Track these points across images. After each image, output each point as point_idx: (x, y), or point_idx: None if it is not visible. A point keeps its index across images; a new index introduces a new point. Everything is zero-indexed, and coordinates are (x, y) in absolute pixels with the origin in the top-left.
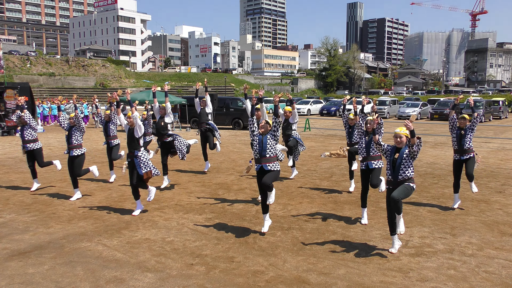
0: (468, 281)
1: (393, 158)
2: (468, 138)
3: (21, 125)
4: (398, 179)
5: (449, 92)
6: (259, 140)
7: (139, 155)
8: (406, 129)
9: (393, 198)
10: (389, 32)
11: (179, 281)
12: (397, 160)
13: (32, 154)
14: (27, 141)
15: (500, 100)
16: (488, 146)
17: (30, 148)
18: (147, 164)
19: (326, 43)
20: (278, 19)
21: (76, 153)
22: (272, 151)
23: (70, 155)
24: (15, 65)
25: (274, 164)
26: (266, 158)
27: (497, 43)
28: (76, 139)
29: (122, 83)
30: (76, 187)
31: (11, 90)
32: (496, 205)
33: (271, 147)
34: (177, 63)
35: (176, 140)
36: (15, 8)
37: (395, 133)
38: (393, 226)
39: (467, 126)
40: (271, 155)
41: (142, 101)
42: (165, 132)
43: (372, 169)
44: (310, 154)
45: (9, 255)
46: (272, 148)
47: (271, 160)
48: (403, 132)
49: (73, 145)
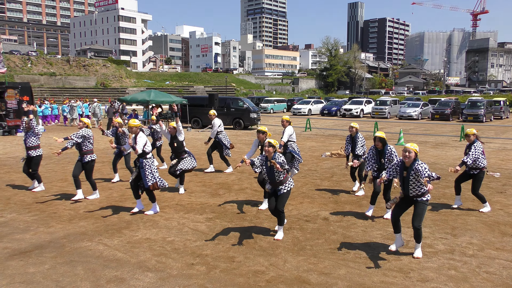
0: (469, 281)
1: (402, 175)
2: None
3: (26, 131)
4: (410, 194)
5: (450, 92)
6: (266, 167)
7: (144, 164)
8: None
9: (414, 227)
10: (390, 32)
11: (179, 280)
12: (406, 177)
13: (30, 160)
14: (29, 148)
15: (501, 100)
16: (489, 146)
17: (30, 155)
18: (154, 175)
19: (327, 43)
20: (279, 19)
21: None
22: (281, 174)
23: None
24: (16, 65)
25: (286, 185)
26: (277, 182)
27: (498, 43)
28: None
29: (123, 83)
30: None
31: (12, 90)
32: (497, 205)
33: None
34: (178, 63)
35: (186, 160)
36: (16, 8)
37: (405, 147)
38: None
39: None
40: (280, 178)
41: (143, 101)
42: (181, 150)
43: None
44: (311, 154)
45: (10, 254)
46: (281, 172)
47: (282, 182)
48: (413, 148)
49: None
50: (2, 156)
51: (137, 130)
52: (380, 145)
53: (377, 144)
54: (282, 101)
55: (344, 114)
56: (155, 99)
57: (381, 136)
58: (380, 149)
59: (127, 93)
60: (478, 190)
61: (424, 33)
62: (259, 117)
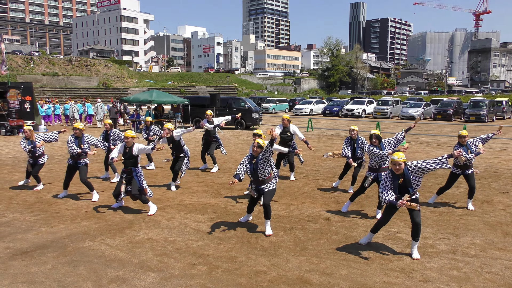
0: (471, 281)
1: (397, 183)
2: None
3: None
4: (413, 197)
5: (452, 92)
6: (251, 166)
7: (137, 171)
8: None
9: (417, 224)
10: (392, 32)
11: (181, 280)
12: (403, 184)
13: (35, 163)
14: (38, 156)
15: (503, 101)
16: (491, 146)
17: (39, 162)
18: (144, 182)
19: (329, 43)
20: (281, 19)
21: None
22: (265, 173)
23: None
24: (18, 65)
25: (270, 184)
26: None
27: (501, 43)
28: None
29: (125, 83)
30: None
31: (14, 90)
32: (499, 205)
33: (263, 168)
34: (180, 63)
35: (184, 161)
36: (19, 8)
37: (393, 160)
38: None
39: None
40: (264, 177)
41: (145, 101)
42: (181, 150)
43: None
44: (312, 154)
45: (12, 254)
46: (265, 171)
47: (265, 181)
48: (401, 159)
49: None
50: (5, 156)
51: (132, 141)
52: (377, 142)
53: (374, 142)
54: (284, 101)
55: (346, 114)
56: (157, 99)
57: (377, 133)
58: (376, 146)
59: (129, 93)
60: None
61: (426, 33)
62: (261, 117)
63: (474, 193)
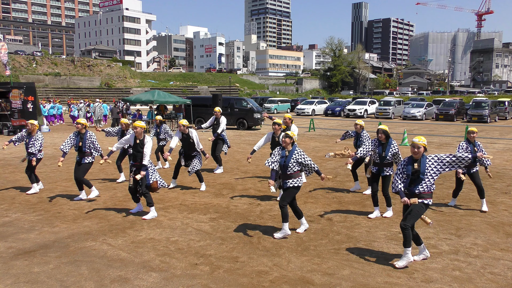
0: (473, 282)
1: (412, 168)
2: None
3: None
4: (414, 192)
5: (454, 92)
6: (281, 158)
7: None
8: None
9: (401, 226)
10: (394, 32)
11: (183, 280)
12: (416, 171)
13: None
14: (29, 153)
15: (506, 101)
16: (493, 146)
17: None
18: (155, 174)
19: (331, 43)
20: (283, 19)
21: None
22: (294, 168)
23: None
24: (21, 65)
25: (295, 180)
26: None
27: (503, 43)
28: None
29: (127, 83)
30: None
31: (17, 90)
32: (501, 206)
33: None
34: (182, 63)
35: (194, 161)
36: (21, 9)
37: (413, 142)
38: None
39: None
40: (292, 172)
41: (147, 101)
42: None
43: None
44: (314, 154)
45: (14, 254)
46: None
47: (292, 176)
48: (421, 143)
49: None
50: (7, 156)
51: (141, 131)
52: (383, 138)
53: (380, 136)
54: (286, 101)
55: (348, 115)
56: (159, 99)
57: (384, 128)
58: (383, 142)
59: (131, 93)
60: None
61: (428, 33)
62: (263, 117)
63: (483, 192)
